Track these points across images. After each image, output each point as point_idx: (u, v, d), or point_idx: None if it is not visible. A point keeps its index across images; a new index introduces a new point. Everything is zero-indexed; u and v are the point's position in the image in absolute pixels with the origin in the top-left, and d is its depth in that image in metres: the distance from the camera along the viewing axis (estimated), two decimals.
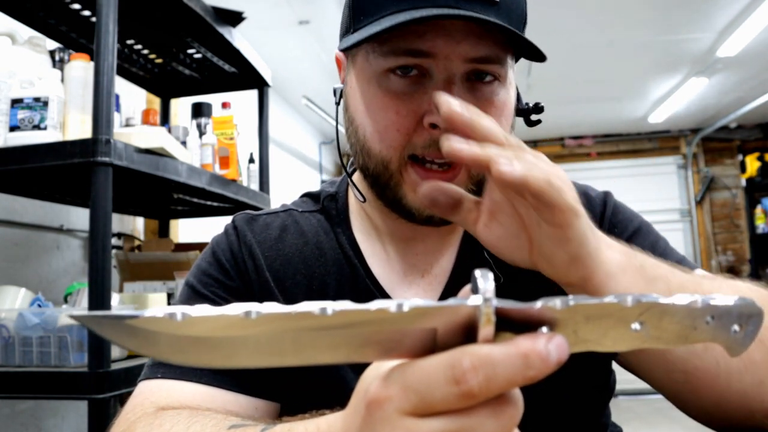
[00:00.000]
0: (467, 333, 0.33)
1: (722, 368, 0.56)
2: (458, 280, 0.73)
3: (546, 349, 0.30)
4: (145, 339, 0.31)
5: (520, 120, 0.75)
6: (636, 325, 0.33)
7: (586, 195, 0.77)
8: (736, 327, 0.34)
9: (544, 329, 0.32)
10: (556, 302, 0.32)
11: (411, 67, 0.63)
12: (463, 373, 0.30)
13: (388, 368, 0.34)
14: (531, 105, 0.74)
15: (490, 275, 0.32)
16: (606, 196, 0.78)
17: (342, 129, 0.74)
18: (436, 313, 0.32)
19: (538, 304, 0.32)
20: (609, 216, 0.75)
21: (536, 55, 0.64)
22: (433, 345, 0.33)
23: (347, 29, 0.68)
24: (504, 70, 0.64)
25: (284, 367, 0.32)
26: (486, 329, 0.31)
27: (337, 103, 0.75)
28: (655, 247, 0.73)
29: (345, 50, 0.67)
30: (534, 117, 0.75)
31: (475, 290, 0.33)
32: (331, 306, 0.30)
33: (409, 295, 0.73)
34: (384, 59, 0.63)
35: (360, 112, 0.67)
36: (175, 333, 0.30)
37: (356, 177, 0.78)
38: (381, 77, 0.64)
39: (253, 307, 0.30)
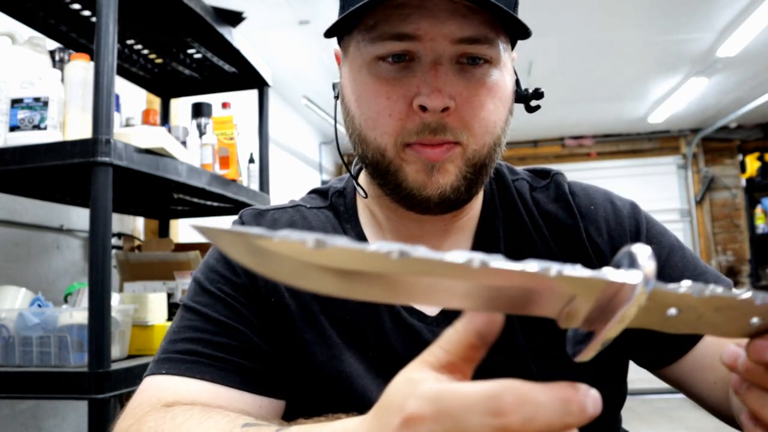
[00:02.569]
0: (604, 303, 0.32)
1: None
2: None
3: (584, 399, 0.30)
4: (269, 258, 0.30)
5: (520, 107, 0.75)
6: (755, 320, 0.35)
7: (612, 203, 0.76)
8: None
9: (672, 311, 0.33)
10: (700, 290, 0.33)
11: (402, 55, 0.63)
12: (504, 407, 0.30)
13: (427, 387, 0.32)
14: (531, 91, 0.73)
15: (648, 251, 0.32)
16: (634, 208, 0.77)
17: (341, 128, 0.73)
18: (587, 284, 0.31)
19: (682, 289, 0.33)
20: (644, 232, 0.74)
21: (522, 32, 0.63)
22: (559, 307, 0.33)
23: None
24: (495, 51, 0.63)
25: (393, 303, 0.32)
26: (632, 309, 0.31)
27: (336, 98, 0.74)
28: (695, 265, 0.74)
29: (329, 36, 0.67)
30: (534, 103, 0.74)
31: (630, 264, 0.32)
32: (482, 258, 0.30)
33: None
34: (372, 46, 0.63)
35: (353, 101, 0.67)
36: (300, 259, 0.30)
37: (361, 174, 0.78)
38: (371, 65, 0.64)
39: (400, 247, 0.29)
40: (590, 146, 5.98)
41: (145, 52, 2.01)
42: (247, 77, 2.25)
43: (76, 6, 1.66)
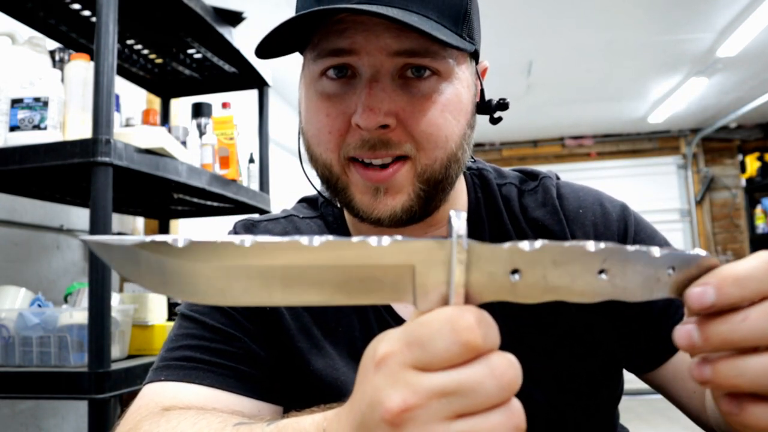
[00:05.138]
0: (444, 275, 0.34)
1: None
2: None
3: None
4: (148, 267, 0.33)
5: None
6: (603, 275, 0.35)
7: (602, 206, 0.75)
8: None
9: (516, 277, 0.34)
10: (525, 245, 0.34)
11: (344, 68, 0.62)
12: (465, 324, 0.32)
13: (393, 331, 0.35)
14: (495, 101, 0.72)
15: (463, 215, 0.34)
16: (624, 210, 0.76)
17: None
18: (414, 249, 0.34)
19: (507, 244, 0.34)
20: (632, 235, 0.73)
21: (471, 51, 0.63)
22: (412, 288, 0.35)
23: None
24: (444, 64, 0.62)
25: (273, 306, 0.34)
26: (459, 266, 0.34)
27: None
28: None
29: (263, 57, 0.65)
30: (497, 114, 0.73)
31: (450, 231, 0.35)
32: (318, 238, 0.33)
33: (409, 308, 0.72)
34: (315, 63, 0.63)
35: (303, 118, 0.67)
36: (175, 260, 0.32)
37: None
38: (316, 81, 0.64)
39: (246, 236, 0.33)
40: (590, 146, 5.98)
41: (145, 52, 2.01)
42: (247, 77, 2.25)
43: (76, 6, 1.65)
